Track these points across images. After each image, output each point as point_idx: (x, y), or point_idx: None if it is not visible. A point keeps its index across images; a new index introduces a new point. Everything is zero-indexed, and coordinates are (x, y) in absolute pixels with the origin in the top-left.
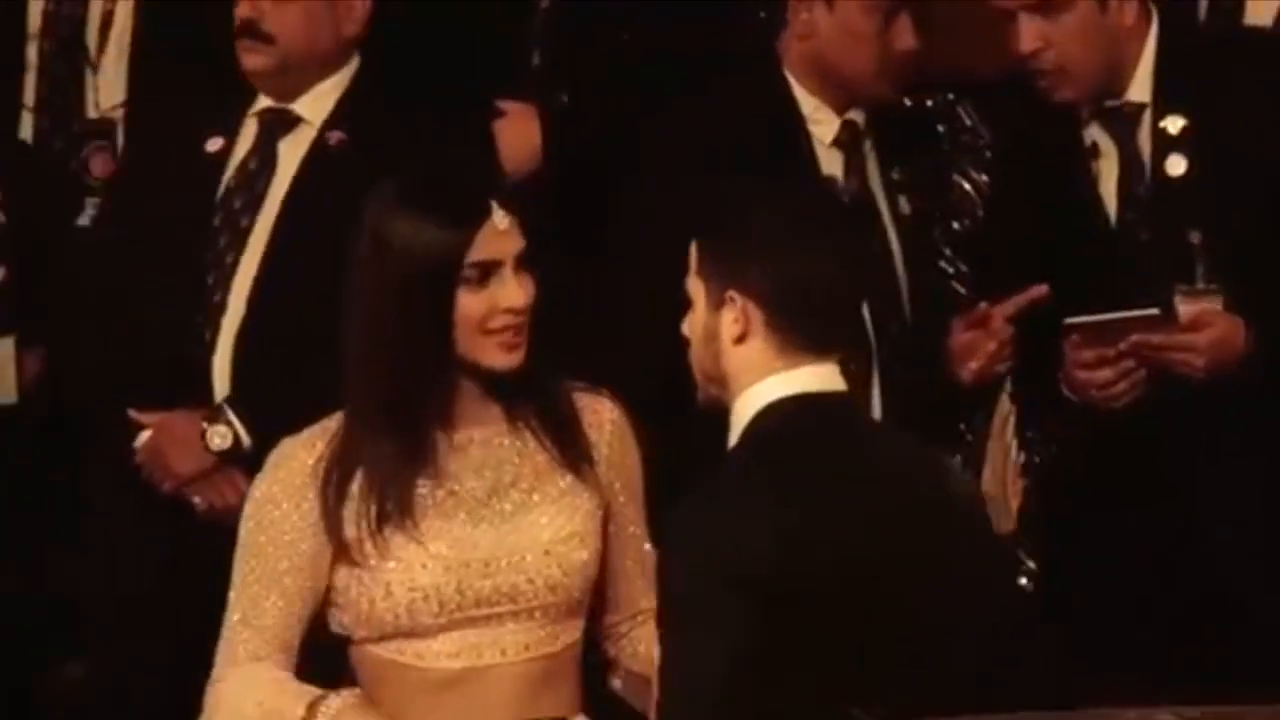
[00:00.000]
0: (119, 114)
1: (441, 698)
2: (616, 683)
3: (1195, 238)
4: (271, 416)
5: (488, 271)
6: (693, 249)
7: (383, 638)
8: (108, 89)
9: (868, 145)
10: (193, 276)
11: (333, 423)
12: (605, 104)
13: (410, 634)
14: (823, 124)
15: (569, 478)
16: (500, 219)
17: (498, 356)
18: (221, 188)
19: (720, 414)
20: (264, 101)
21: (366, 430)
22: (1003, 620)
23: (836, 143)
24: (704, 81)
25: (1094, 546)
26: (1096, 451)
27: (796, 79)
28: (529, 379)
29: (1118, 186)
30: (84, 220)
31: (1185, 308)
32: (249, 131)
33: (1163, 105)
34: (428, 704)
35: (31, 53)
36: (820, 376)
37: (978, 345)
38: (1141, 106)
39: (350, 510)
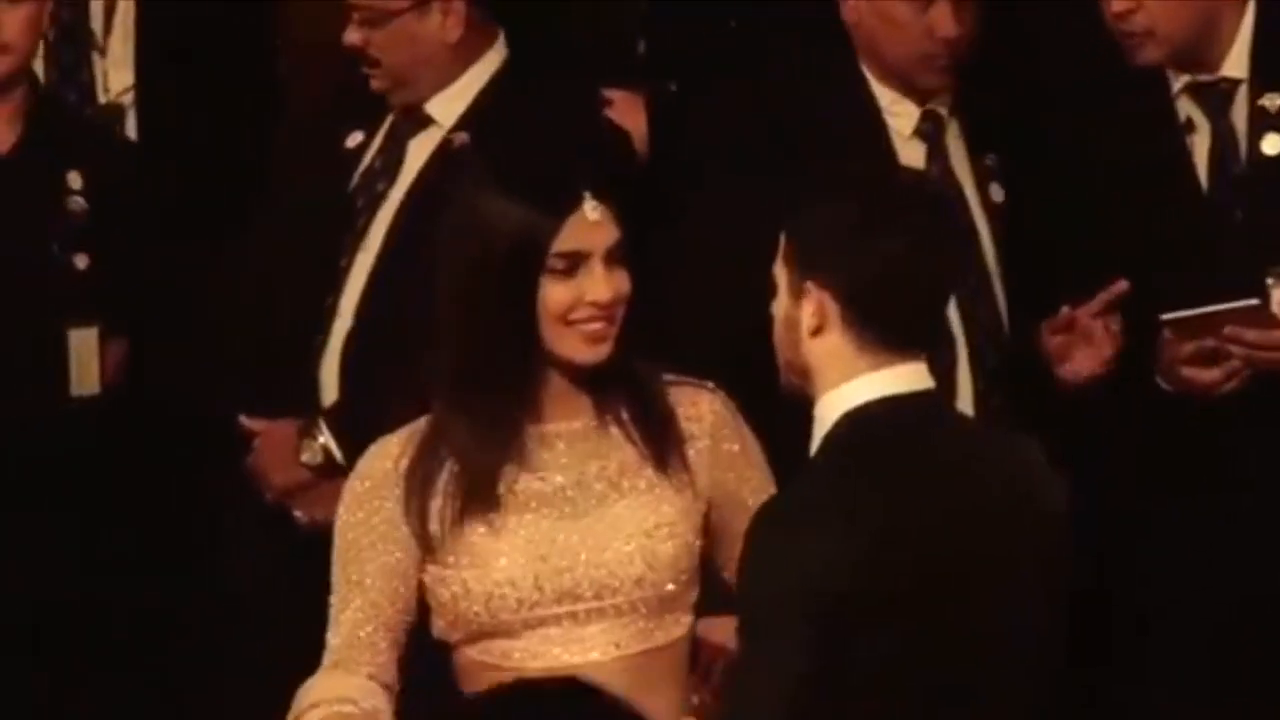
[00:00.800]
0: (129, 98)
1: None
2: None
3: None
4: (369, 430)
5: (575, 262)
6: (783, 235)
7: (470, 638)
8: (116, 73)
9: (954, 132)
10: (317, 277)
11: (421, 422)
12: (710, 92)
13: (495, 633)
14: (901, 115)
15: (657, 471)
16: (591, 210)
17: (580, 349)
18: (352, 185)
19: (803, 403)
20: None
21: (452, 418)
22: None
23: (917, 133)
24: (787, 74)
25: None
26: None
27: (870, 71)
28: (621, 372)
29: (1208, 165)
30: None
31: (1278, 292)
32: (393, 131)
33: (1261, 82)
34: None
35: None
36: (907, 376)
37: (1070, 348)
38: (1237, 82)
39: (435, 506)
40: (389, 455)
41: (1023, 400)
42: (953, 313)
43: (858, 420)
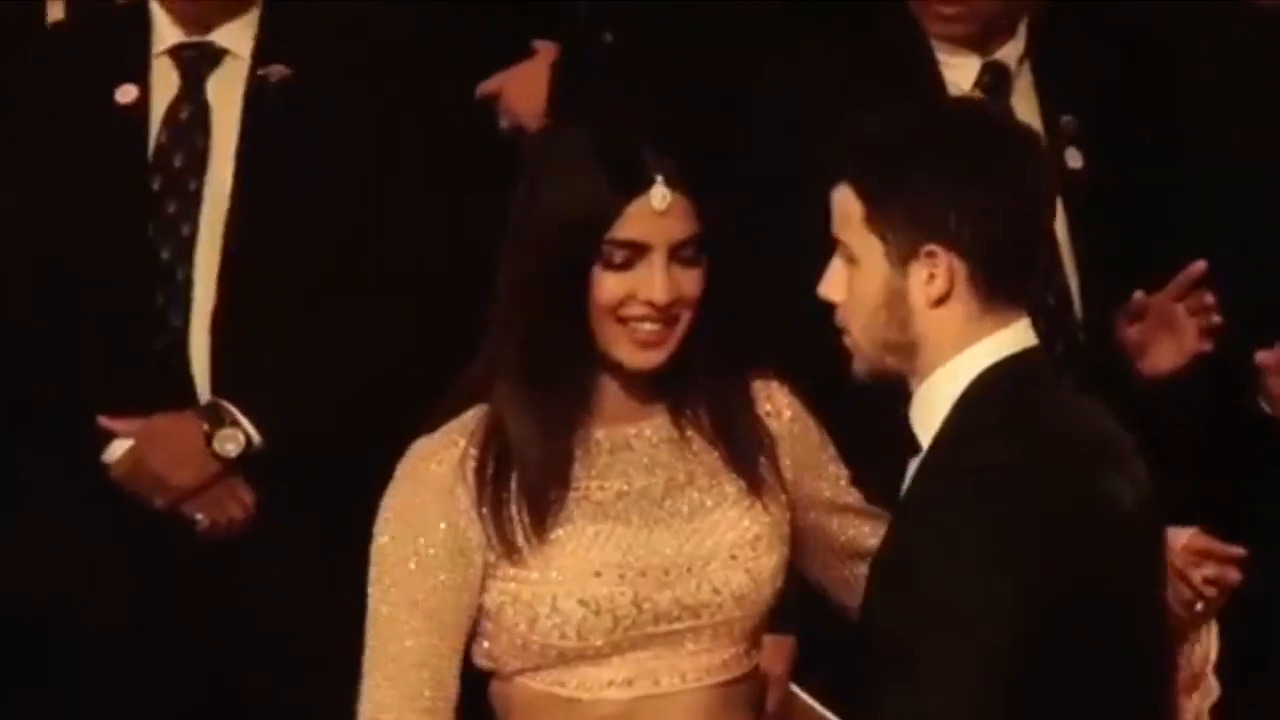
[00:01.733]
0: None
1: None
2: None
3: None
4: (280, 409)
5: (634, 255)
6: (847, 197)
7: (540, 667)
8: None
9: (1023, 89)
10: (141, 254)
11: (471, 417)
12: (650, 44)
13: (576, 660)
14: (959, 68)
15: (746, 478)
16: (660, 198)
17: (630, 352)
18: (152, 145)
19: (878, 388)
20: (171, 37)
21: (512, 413)
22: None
23: (978, 86)
24: (819, 22)
25: None
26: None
27: (923, 16)
28: (697, 371)
29: None
30: None
31: None
32: (165, 74)
33: None
34: None
35: None
36: (1025, 333)
37: (1149, 338)
38: None
39: (512, 511)
40: (446, 451)
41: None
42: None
43: (990, 386)
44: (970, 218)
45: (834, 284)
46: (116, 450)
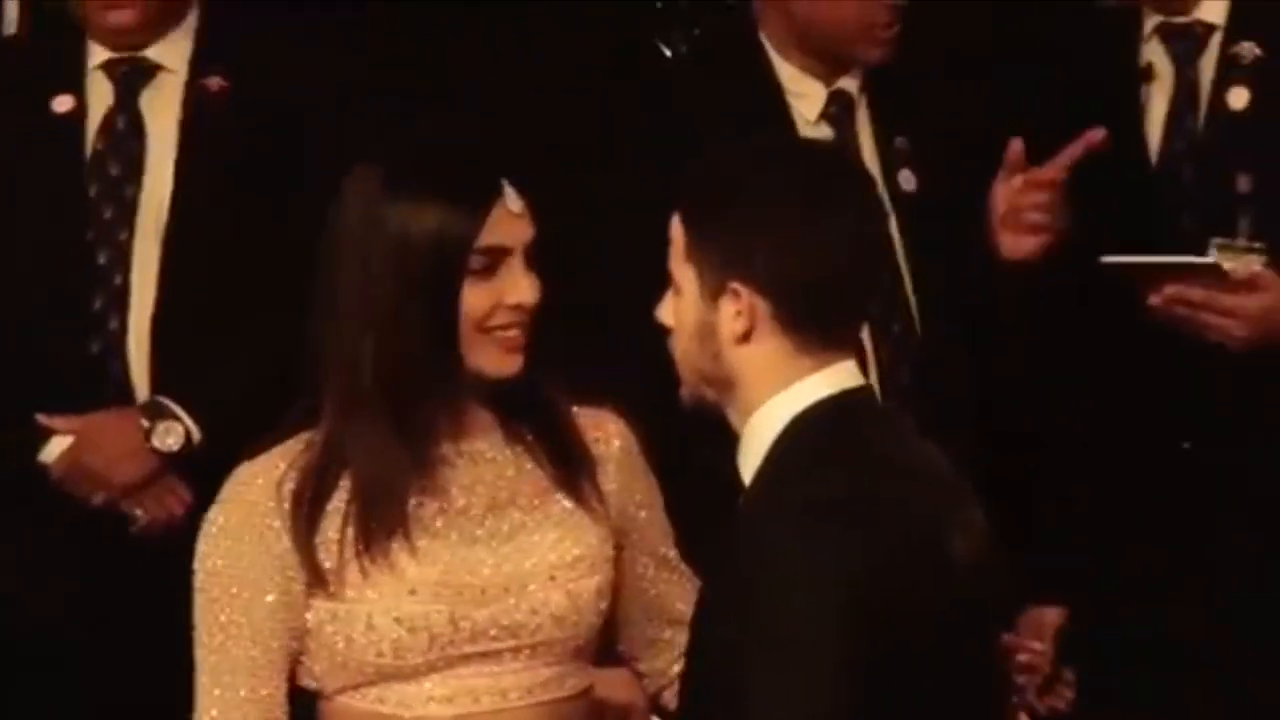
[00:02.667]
0: None
1: None
2: None
3: (1244, 184)
4: (217, 406)
5: (495, 260)
6: (676, 226)
7: (361, 685)
8: None
9: (863, 116)
10: (78, 257)
11: (296, 442)
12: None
13: (394, 677)
14: (806, 96)
15: (571, 500)
16: (514, 200)
17: (496, 360)
18: (89, 152)
19: (708, 415)
20: (104, 53)
21: (356, 437)
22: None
23: (824, 117)
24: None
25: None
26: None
27: (773, 46)
28: (528, 390)
29: (1167, 115)
30: None
31: (1230, 264)
32: (100, 87)
33: (1236, 30)
34: None
35: None
36: (847, 374)
37: (1022, 201)
38: (1211, 28)
39: (329, 534)
40: (266, 475)
41: (933, 422)
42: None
43: (811, 423)
44: (774, 257)
45: (664, 310)
46: (55, 449)
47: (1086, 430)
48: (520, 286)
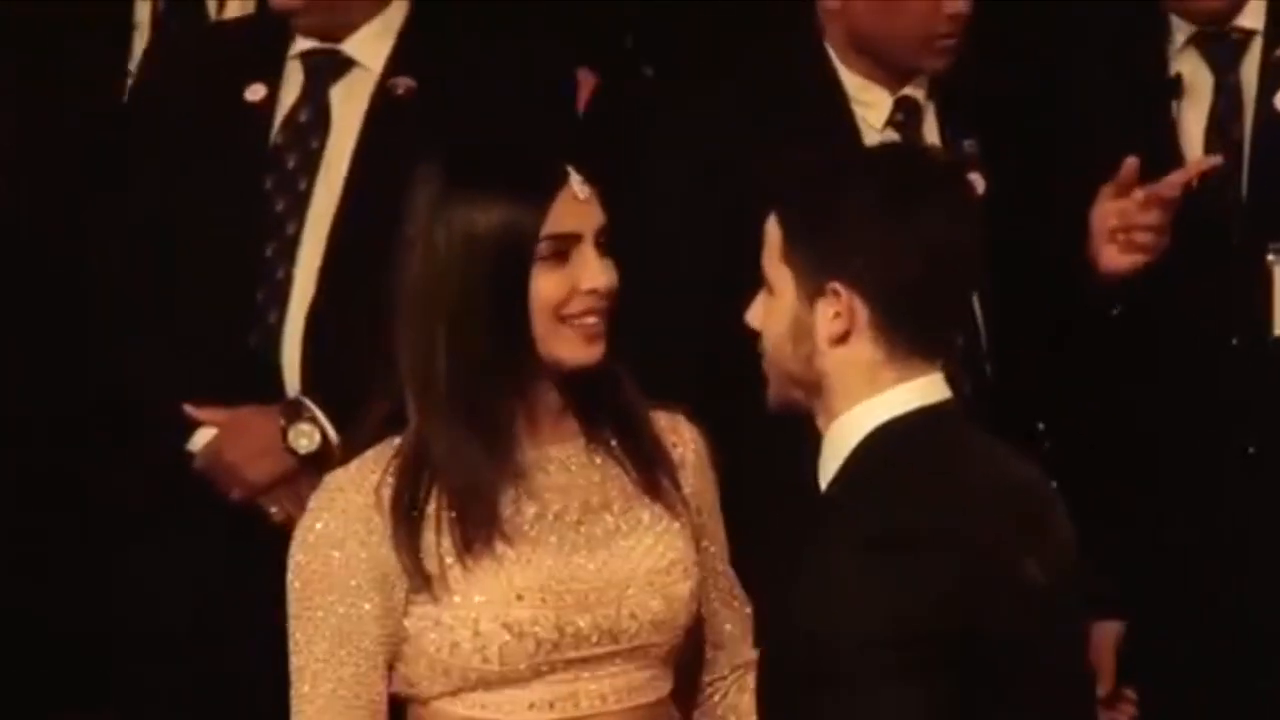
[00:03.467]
0: None
1: None
2: None
3: None
4: (357, 411)
5: (566, 246)
6: (773, 227)
7: (461, 690)
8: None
9: (929, 121)
10: (247, 248)
11: (385, 447)
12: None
13: (495, 683)
14: (872, 106)
15: (658, 503)
16: (580, 187)
17: (576, 348)
18: (270, 143)
19: (791, 419)
20: (305, 43)
21: (441, 440)
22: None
23: (891, 124)
24: (744, 64)
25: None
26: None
27: (838, 55)
28: (609, 392)
29: (1208, 125)
30: None
31: None
32: (294, 78)
33: (1277, 33)
34: None
35: None
36: (934, 387)
37: (1137, 218)
38: (1250, 33)
39: (426, 539)
40: (360, 480)
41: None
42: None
43: (894, 435)
44: (876, 260)
45: (754, 311)
46: (200, 439)
47: (1148, 437)
48: (594, 271)
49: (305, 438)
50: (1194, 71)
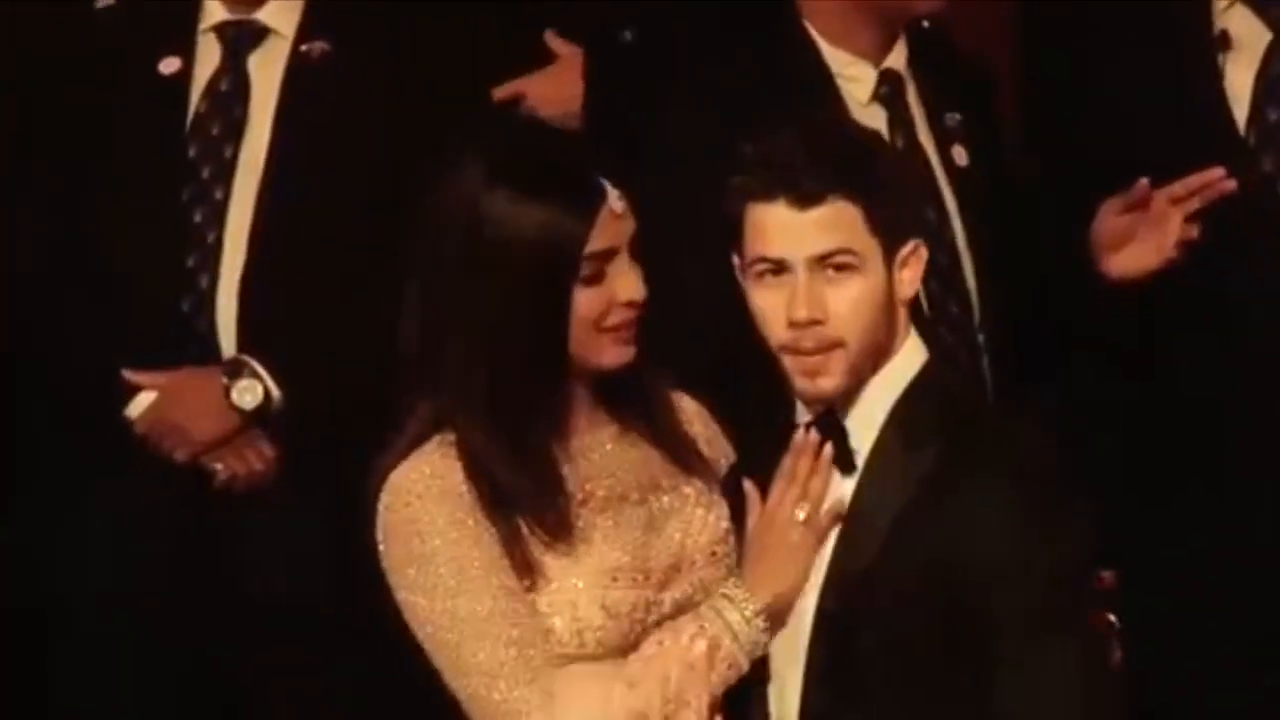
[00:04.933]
0: None
1: None
2: None
3: None
4: (297, 366)
5: (604, 261)
6: (845, 207)
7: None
8: None
9: (912, 93)
10: (175, 215)
11: (439, 445)
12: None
13: (581, 659)
14: (857, 80)
15: (696, 478)
16: (616, 200)
17: (612, 354)
18: (190, 114)
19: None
20: (217, 14)
21: (485, 446)
22: None
23: (876, 98)
24: (723, 48)
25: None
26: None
27: (819, 32)
28: (633, 382)
29: (1255, 81)
30: None
31: None
32: (209, 49)
33: None
34: None
35: None
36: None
37: (1135, 231)
38: None
39: (516, 529)
40: (452, 472)
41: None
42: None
43: (940, 371)
44: (918, 215)
45: (820, 301)
46: (140, 404)
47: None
48: (631, 283)
49: (250, 394)
50: (1246, 28)
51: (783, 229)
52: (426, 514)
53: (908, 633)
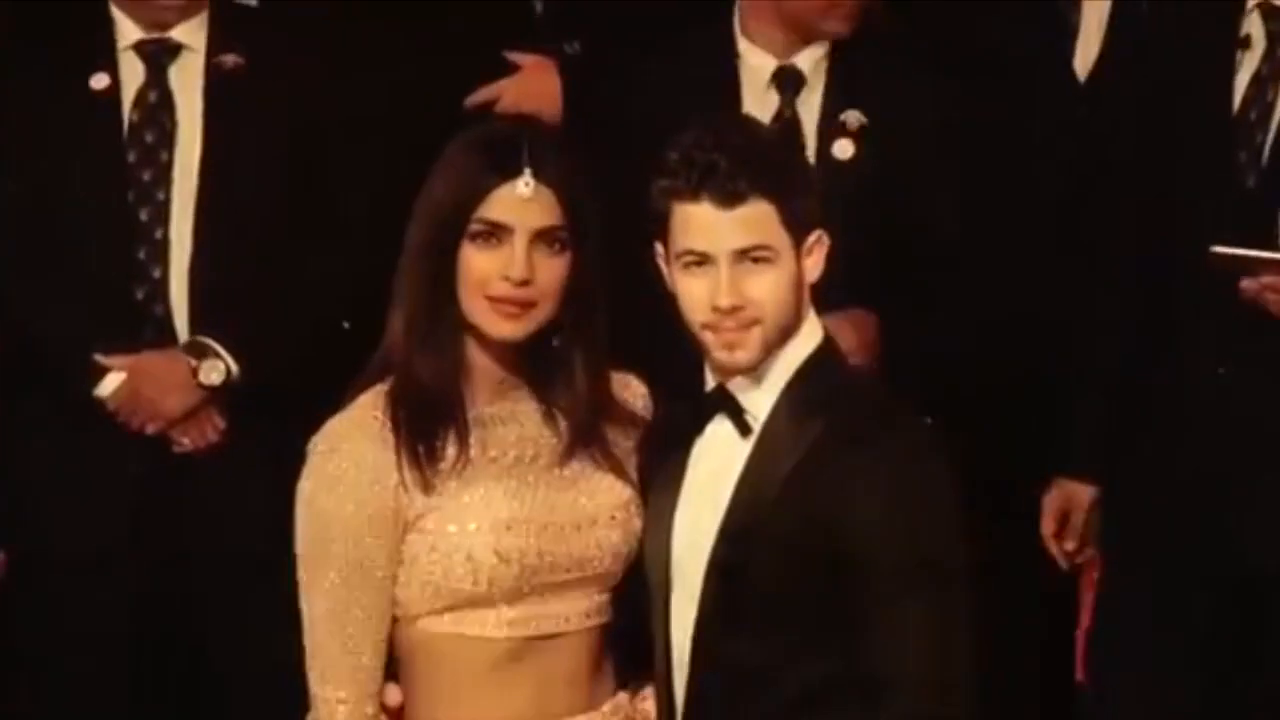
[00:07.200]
0: None
1: (506, 671)
2: None
3: None
4: (252, 344)
5: (496, 233)
6: (759, 204)
7: (447, 609)
8: None
9: (813, 89)
10: (124, 215)
11: (376, 393)
12: (614, 54)
13: (478, 603)
14: (757, 70)
15: (611, 451)
16: (526, 186)
17: (494, 323)
18: (126, 124)
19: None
20: (133, 34)
21: (404, 386)
22: None
23: (775, 84)
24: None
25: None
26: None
27: (740, 22)
28: (558, 357)
29: (1249, 83)
30: None
31: None
32: (132, 65)
33: None
34: (490, 679)
35: None
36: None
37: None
38: None
39: (431, 461)
40: (369, 429)
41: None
42: None
43: (830, 364)
44: (816, 200)
45: (741, 289)
46: (110, 384)
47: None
48: (513, 264)
49: (215, 371)
50: (1255, 33)
51: (707, 226)
52: (326, 469)
53: (790, 579)
